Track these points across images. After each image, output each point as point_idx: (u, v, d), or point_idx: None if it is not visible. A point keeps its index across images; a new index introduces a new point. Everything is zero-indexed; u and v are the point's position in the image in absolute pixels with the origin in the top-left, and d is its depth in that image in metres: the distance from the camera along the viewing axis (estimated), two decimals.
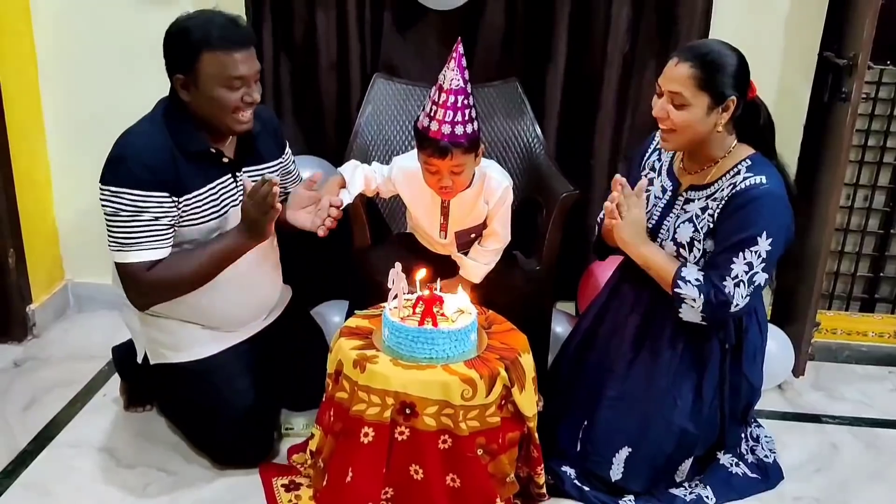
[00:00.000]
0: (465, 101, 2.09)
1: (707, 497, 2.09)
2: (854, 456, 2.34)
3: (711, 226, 1.95)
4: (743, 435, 2.21)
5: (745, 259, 1.88)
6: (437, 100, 2.08)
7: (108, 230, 1.93)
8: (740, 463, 2.16)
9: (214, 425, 2.09)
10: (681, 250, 2.00)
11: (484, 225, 2.27)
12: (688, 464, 2.08)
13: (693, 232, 1.98)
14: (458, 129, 2.07)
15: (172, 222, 1.96)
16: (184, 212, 1.98)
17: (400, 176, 2.27)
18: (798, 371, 2.68)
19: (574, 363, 2.23)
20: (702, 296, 1.90)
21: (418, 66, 2.67)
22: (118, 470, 2.14)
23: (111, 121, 2.02)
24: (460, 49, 2.09)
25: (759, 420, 2.38)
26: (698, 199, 2.00)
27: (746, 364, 2.06)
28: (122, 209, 1.90)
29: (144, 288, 1.98)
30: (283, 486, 2.07)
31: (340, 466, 1.83)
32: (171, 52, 1.94)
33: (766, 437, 2.30)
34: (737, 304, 1.90)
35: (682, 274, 1.94)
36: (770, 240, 1.87)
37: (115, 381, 2.44)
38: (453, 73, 2.07)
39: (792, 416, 2.52)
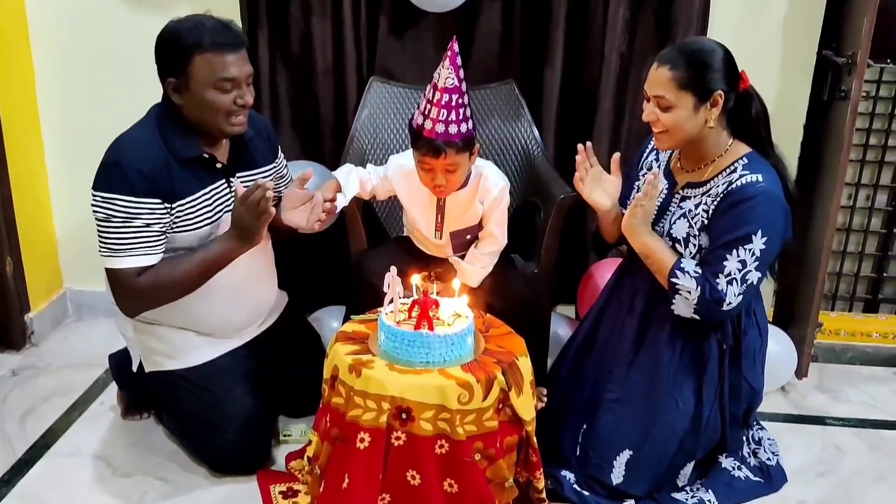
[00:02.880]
0: (460, 100, 2.08)
1: (709, 501, 2.06)
2: (859, 458, 2.31)
3: (706, 221, 1.94)
4: (745, 438, 2.19)
5: (738, 257, 1.87)
6: (431, 98, 2.08)
7: (100, 236, 1.93)
8: (742, 466, 2.14)
9: (211, 433, 2.08)
10: (676, 246, 1.99)
11: (479, 226, 2.26)
12: (689, 467, 2.06)
13: (688, 227, 1.97)
14: (452, 128, 2.06)
15: (164, 229, 1.95)
16: (177, 217, 1.97)
17: (397, 174, 2.27)
18: (801, 373, 2.65)
19: (573, 367, 2.22)
20: (698, 288, 1.88)
21: (415, 69, 2.67)
22: (115, 479, 2.12)
23: (109, 128, 2.02)
24: (455, 47, 2.09)
25: (761, 422, 2.35)
26: (694, 197, 1.99)
27: (746, 366, 2.04)
28: (114, 215, 1.90)
29: (133, 294, 1.97)
30: (280, 493, 2.05)
31: (337, 472, 1.82)
32: (163, 56, 1.94)
33: (768, 439, 2.28)
34: (729, 303, 1.88)
35: (682, 264, 1.92)
36: (765, 238, 1.85)
37: (113, 389, 2.43)
38: (447, 71, 2.06)
39: (795, 419, 2.50)
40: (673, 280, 1.92)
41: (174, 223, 1.97)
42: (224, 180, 2.06)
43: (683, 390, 2.01)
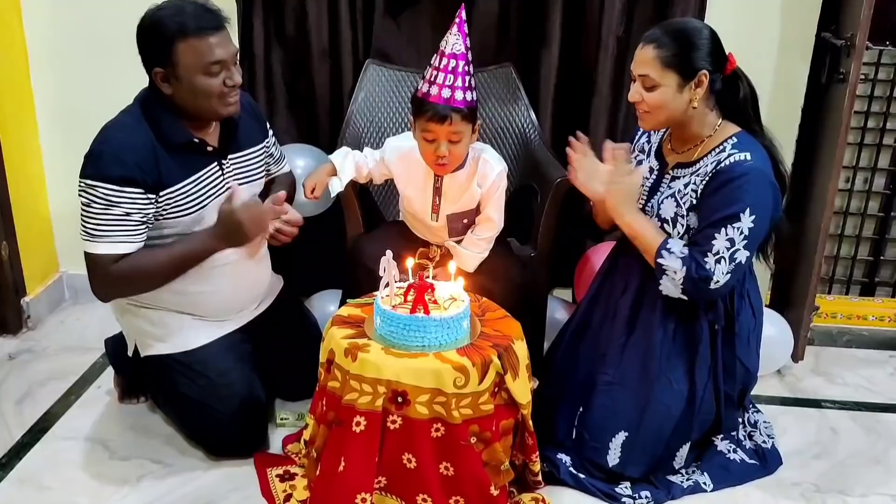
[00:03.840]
0: (466, 68, 2.07)
1: (704, 483, 2.07)
2: (854, 441, 2.32)
3: (694, 201, 1.94)
4: (740, 420, 2.19)
5: (726, 235, 1.87)
6: (437, 65, 2.06)
7: (81, 220, 1.93)
8: (738, 449, 2.14)
9: (208, 417, 2.08)
10: (665, 226, 1.99)
11: (476, 210, 2.25)
12: (685, 449, 2.06)
13: (676, 207, 1.97)
14: (458, 95, 2.05)
15: (145, 219, 1.94)
16: (167, 204, 1.96)
17: (393, 156, 2.25)
18: (797, 356, 2.66)
19: (569, 350, 2.22)
20: (684, 268, 1.89)
21: (411, 52, 2.65)
22: (112, 462, 2.13)
23: (104, 111, 2.00)
24: (463, 15, 2.08)
25: (757, 405, 2.36)
26: (684, 177, 1.99)
27: (740, 347, 2.04)
28: (95, 201, 1.89)
29: (108, 280, 1.95)
30: (277, 476, 2.05)
31: (333, 456, 1.82)
32: (146, 47, 1.92)
33: (764, 422, 2.29)
34: (717, 281, 1.88)
35: (668, 245, 1.93)
36: (753, 217, 1.85)
37: (110, 373, 2.43)
38: (455, 37, 2.05)
39: (791, 402, 2.50)
40: (659, 260, 1.92)
41: (164, 210, 1.96)
42: (216, 164, 2.05)
43: (677, 371, 2.02)
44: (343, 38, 2.61)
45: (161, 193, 1.94)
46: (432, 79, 2.07)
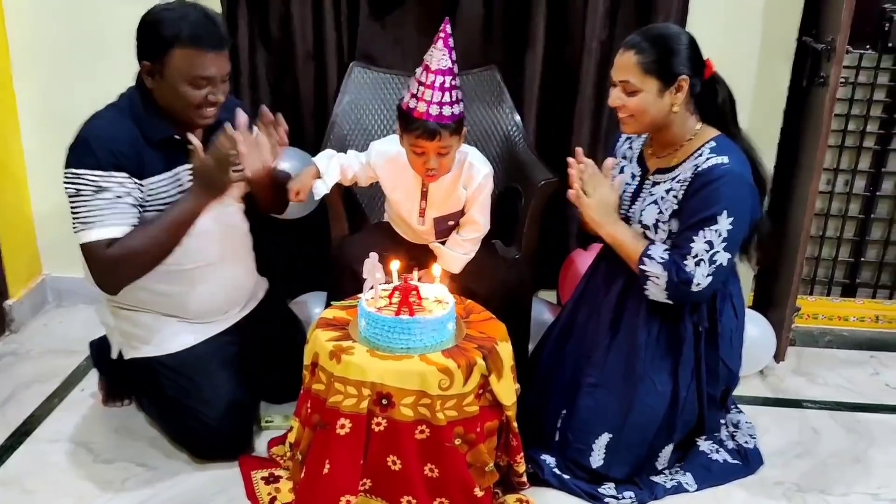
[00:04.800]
0: (453, 82, 2.06)
1: (687, 483, 2.09)
2: (835, 440, 2.34)
3: (675, 207, 1.96)
4: (723, 421, 2.21)
5: (704, 238, 1.89)
6: (423, 80, 2.06)
7: (72, 212, 1.91)
8: (720, 449, 2.16)
9: (192, 419, 2.07)
10: (647, 232, 2.01)
11: (462, 212, 2.26)
12: (668, 450, 2.08)
13: (658, 213, 1.99)
14: (446, 110, 2.05)
15: (136, 203, 1.94)
16: (150, 194, 1.97)
17: (379, 160, 2.25)
18: (779, 356, 2.68)
19: (554, 352, 2.23)
20: (665, 273, 1.91)
21: (396, 54, 2.65)
22: (96, 465, 2.12)
23: (86, 112, 2.00)
24: (447, 28, 2.06)
25: (739, 406, 2.38)
26: (664, 182, 2.01)
27: (723, 348, 2.06)
28: (83, 188, 1.88)
29: (106, 266, 1.93)
30: (262, 479, 2.05)
31: (318, 458, 1.82)
32: (143, 40, 1.93)
33: (746, 422, 2.31)
34: (698, 284, 1.90)
35: (649, 251, 1.95)
36: (731, 219, 1.87)
37: (94, 375, 2.42)
38: (440, 52, 2.05)
39: (773, 402, 2.53)
40: (641, 267, 1.94)
41: (147, 200, 1.97)
42: None
43: (661, 373, 2.03)
44: (328, 40, 2.61)
45: (144, 181, 1.94)
46: (419, 94, 2.06)
